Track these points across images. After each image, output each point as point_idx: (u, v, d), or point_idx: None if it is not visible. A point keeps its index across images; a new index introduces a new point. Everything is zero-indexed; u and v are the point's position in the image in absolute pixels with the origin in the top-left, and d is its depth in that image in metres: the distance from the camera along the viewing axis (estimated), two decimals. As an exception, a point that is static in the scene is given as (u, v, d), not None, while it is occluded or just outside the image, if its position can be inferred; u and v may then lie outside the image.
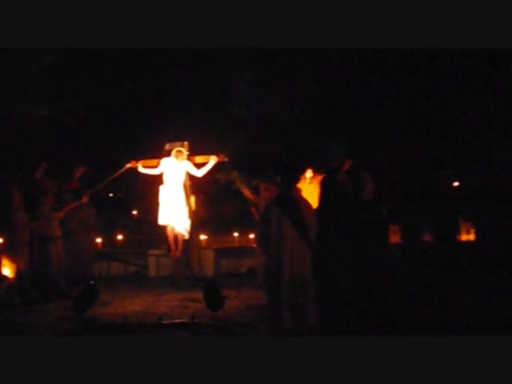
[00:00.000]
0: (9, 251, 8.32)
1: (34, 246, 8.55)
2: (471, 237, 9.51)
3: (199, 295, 7.51)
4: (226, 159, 8.78)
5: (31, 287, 8.40)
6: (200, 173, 9.06)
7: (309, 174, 8.32)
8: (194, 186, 9.46)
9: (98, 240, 11.87)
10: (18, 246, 8.32)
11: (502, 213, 8.81)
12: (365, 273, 5.30)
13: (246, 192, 8.85)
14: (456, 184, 10.86)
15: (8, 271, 8.25)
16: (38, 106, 9.61)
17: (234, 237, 12.22)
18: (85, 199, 9.59)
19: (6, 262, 8.28)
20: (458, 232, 9.64)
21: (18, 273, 8.23)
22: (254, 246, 9.83)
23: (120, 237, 13.08)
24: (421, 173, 10.40)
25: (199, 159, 9.18)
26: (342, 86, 8.62)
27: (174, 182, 9.01)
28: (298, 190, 5.67)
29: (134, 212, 16.05)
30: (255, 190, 8.76)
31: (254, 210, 8.91)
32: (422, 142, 9.46)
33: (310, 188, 7.99)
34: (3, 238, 8.56)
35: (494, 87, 9.41)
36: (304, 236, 5.35)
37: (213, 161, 9.00)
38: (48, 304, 7.99)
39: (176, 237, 9.06)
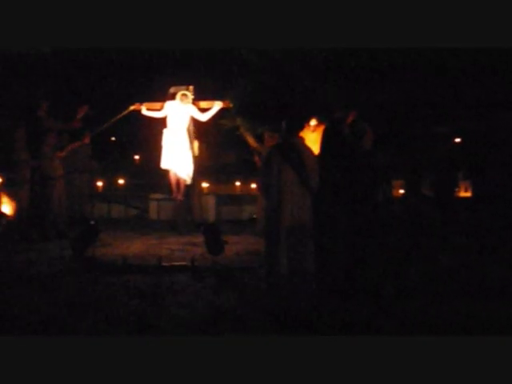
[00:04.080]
0: (9, 189, 8.30)
1: (36, 184, 8.53)
2: (468, 194, 9.50)
3: (199, 240, 7.55)
4: (231, 105, 8.66)
5: (30, 226, 8.42)
6: (204, 117, 8.95)
7: (313, 122, 8.20)
8: (198, 131, 9.37)
9: (99, 183, 11.87)
10: (18, 184, 8.29)
11: (499, 173, 8.77)
12: (363, 223, 5.30)
13: (250, 140, 8.76)
14: (458, 140, 10.72)
15: (7, 208, 8.25)
16: (41, 45, 9.42)
17: (235, 185, 12.21)
18: (86, 140, 9.53)
19: (5, 199, 8.28)
20: (457, 189, 9.62)
21: (17, 211, 8.24)
22: (256, 193, 9.81)
23: (121, 181, 13.07)
24: (423, 127, 10.25)
25: (204, 104, 9.04)
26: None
27: (178, 126, 8.91)
28: (301, 138, 5.61)
29: (136, 157, 15.98)
30: (260, 138, 8.68)
31: (257, 158, 8.85)
32: (424, 96, 9.24)
33: (313, 136, 7.87)
34: (4, 176, 8.55)
35: None
36: (305, 183, 5.32)
37: (217, 106, 8.86)
38: (47, 243, 8.01)
39: (178, 181, 9.03)
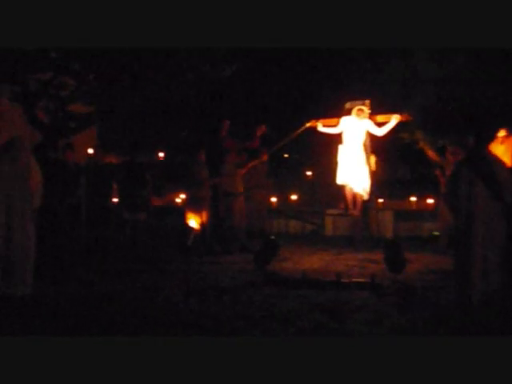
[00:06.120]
0: (193, 205, 8.82)
1: (218, 200, 8.98)
2: None
3: (378, 257, 7.41)
4: (409, 118, 8.42)
5: (214, 240, 8.87)
6: (381, 132, 8.80)
7: (502, 133, 7.68)
8: (374, 145, 9.24)
9: (273, 199, 12.14)
10: (200, 200, 8.78)
11: None
12: None
13: (431, 153, 8.44)
14: None
15: (194, 223, 8.76)
16: (223, 68, 9.97)
17: (411, 201, 11.79)
18: (265, 158, 9.84)
19: (191, 214, 8.80)
20: None
21: (201, 225, 8.72)
22: (434, 209, 9.46)
23: (294, 196, 13.27)
24: None
25: (381, 118, 8.91)
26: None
27: (354, 142, 8.86)
28: (490, 151, 5.29)
29: (309, 172, 16.12)
30: (440, 151, 8.32)
31: (438, 172, 8.49)
32: None
33: (501, 149, 7.39)
34: (187, 193, 9.12)
35: None
36: (498, 198, 4.97)
37: (395, 120, 8.67)
38: (230, 256, 8.37)
39: (354, 197, 8.96)
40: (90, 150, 10.01)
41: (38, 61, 9.22)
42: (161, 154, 10.03)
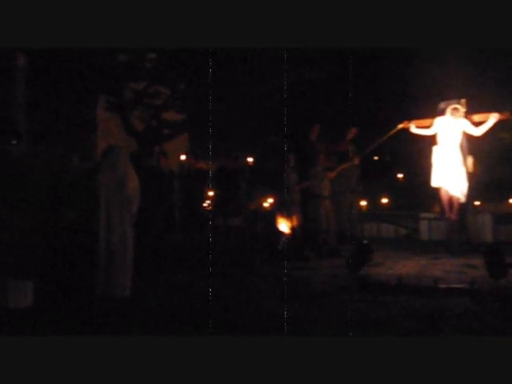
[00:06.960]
0: (282, 209, 8.81)
1: (306, 204, 8.94)
2: None
3: (477, 261, 7.12)
4: (510, 117, 8.03)
5: (304, 244, 8.82)
6: (478, 132, 8.43)
7: None
8: (472, 146, 8.86)
9: (363, 202, 11.97)
10: (290, 204, 8.77)
11: None
12: None
13: (535, 153, 8.02)
14: None
15: (284, 227, 8.75)
16: (314, 70, 9.93)
17: (511, 203, 11.23)
18: (356, 161, 9.70)
19: (281, 219, 8.80)
20: None
21: (292, 229, 8.69)
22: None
23: (385, 200, 13.02)
24: None
25: (478, 117, 8.54)
26: None
27: (450, 142, 8.54)
28: None
29: (400, 175, 15.77)
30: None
31: (542, 172, 8.07)
32: None
33: None
34: (277, 197, 9.12)
35: None
36: None
37: (494, 119, 8.29)
38: (320, 261, 8.28)
39: (451, 200, 8.63)
40: (183, 157, 10.26)
41: (133, 71, 9.56)
42: (250, 159, 10.10)
